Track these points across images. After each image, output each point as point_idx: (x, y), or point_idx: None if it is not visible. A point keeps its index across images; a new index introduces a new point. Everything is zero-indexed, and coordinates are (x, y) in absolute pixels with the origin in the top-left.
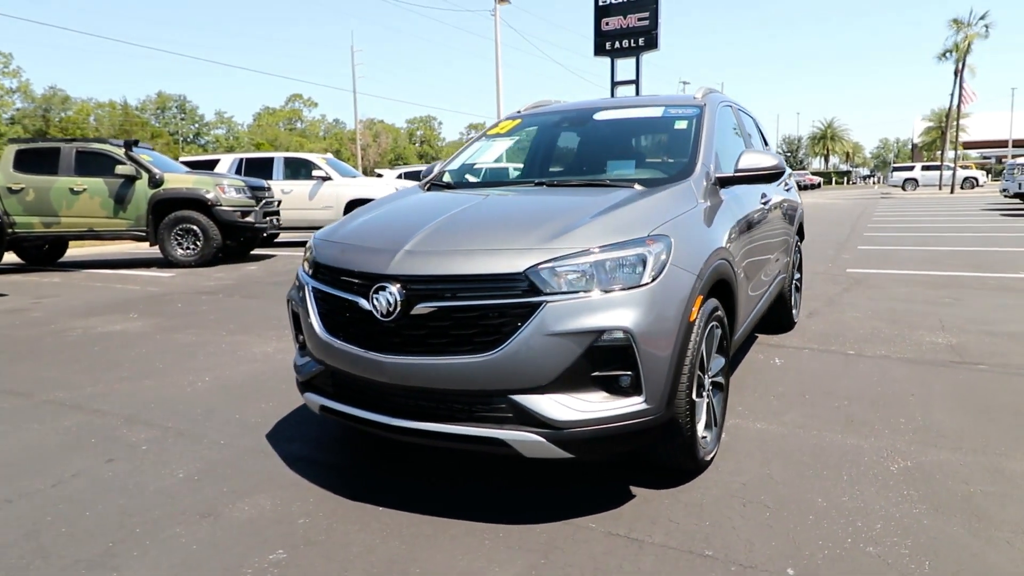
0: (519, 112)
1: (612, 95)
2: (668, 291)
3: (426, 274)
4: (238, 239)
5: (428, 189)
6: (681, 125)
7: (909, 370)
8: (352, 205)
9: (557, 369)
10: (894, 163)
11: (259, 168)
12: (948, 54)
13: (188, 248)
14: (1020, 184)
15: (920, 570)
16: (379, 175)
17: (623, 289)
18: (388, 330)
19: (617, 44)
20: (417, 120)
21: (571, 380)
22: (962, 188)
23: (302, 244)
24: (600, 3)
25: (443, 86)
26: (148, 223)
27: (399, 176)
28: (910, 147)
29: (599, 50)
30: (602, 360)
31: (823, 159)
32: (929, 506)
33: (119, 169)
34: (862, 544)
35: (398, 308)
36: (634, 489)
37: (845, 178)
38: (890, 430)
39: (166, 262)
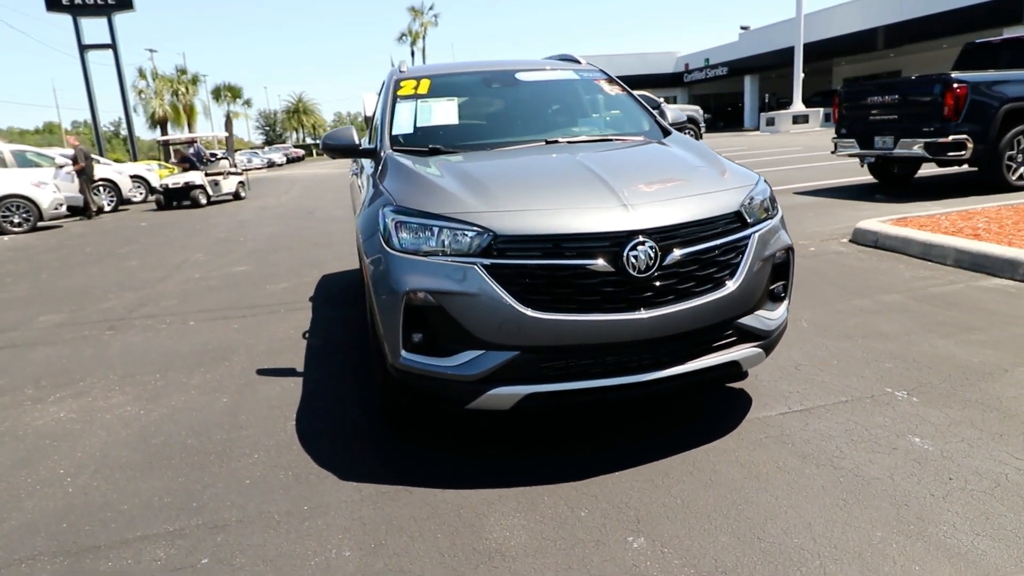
0: (404, 71)
1: (82, 59)
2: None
3: (671, 224)
4: None
5: (405, 154)
6: (607, 88)
7: None
8: None
9: (761, 288)
10: None
11: None
12: (404, 36)
13: None
14: None
15: (918, 361)
16: None
17: (774, 216)
18: (641, 286)
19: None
20: None
21: (764, 296)
22: None
23: None
24: None
25: None
26: None
27: None
28: (363, 120)
29: (54, 5)
30: (776, 275)
31: (294, 132)
32: (843, 335)
33: None
34: (879, 362)
35: (657, 261)
36: (738, 387)
37: (314, 150)
38: None
39: None
